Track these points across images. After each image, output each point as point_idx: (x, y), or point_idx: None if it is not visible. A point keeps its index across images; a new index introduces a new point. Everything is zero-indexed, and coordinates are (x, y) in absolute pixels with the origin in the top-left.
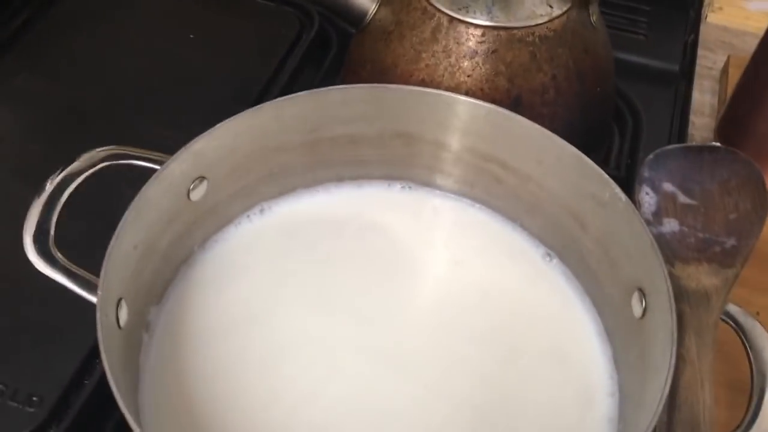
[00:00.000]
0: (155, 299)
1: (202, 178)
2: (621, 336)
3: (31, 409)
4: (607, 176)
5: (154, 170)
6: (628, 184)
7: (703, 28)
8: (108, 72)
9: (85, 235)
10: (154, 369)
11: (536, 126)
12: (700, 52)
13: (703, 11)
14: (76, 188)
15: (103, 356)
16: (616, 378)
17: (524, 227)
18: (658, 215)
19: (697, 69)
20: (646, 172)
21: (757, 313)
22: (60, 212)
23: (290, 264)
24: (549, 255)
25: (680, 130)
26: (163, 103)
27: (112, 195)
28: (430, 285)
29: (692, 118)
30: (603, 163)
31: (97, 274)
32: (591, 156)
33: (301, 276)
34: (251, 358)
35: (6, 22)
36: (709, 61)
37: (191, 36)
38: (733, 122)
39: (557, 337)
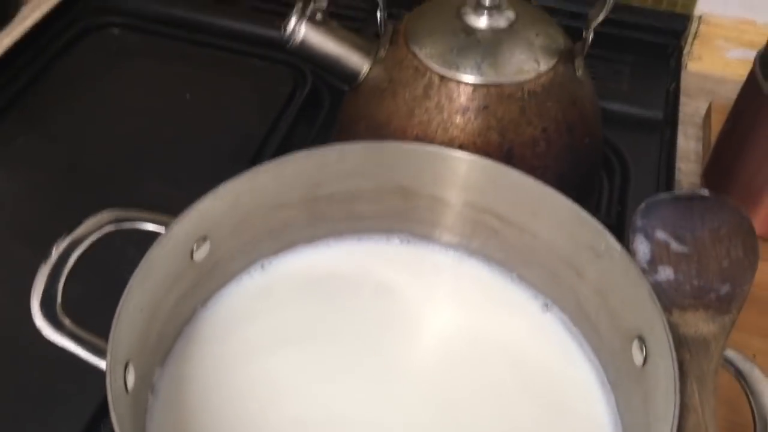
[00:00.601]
0: (159, 360)
1: (204, 238)
2: (623, 384)
3: None
4: (602, 227)
5: (155, 232)
6: (619, 231)
7: (684, 76)
8: (106, 133)
9: (88, 297)
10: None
11: (530, 178)
12: (682, 99)
13: (683, 60)
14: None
15: (115, 423)
16: (620, 426)
17: (522, 278)
18: (653, 263)
19: (681, 116)
20: (638, 221)
21: (754, 356)
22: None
23: (290, 320)
24: (547, 305)
25: (668, 177)
26: (162, 162)
27: (113, 256)
28: (430, 340)
29: (679, 164)
30: (594, 211)
31: (104, 338)
32: (582, 204)
33: (301, 332)
34: (252, 417)
35: (5, 85)
36: (691, 108)
37: (187, 96)
38: (718, 169)
39: (559, 387)
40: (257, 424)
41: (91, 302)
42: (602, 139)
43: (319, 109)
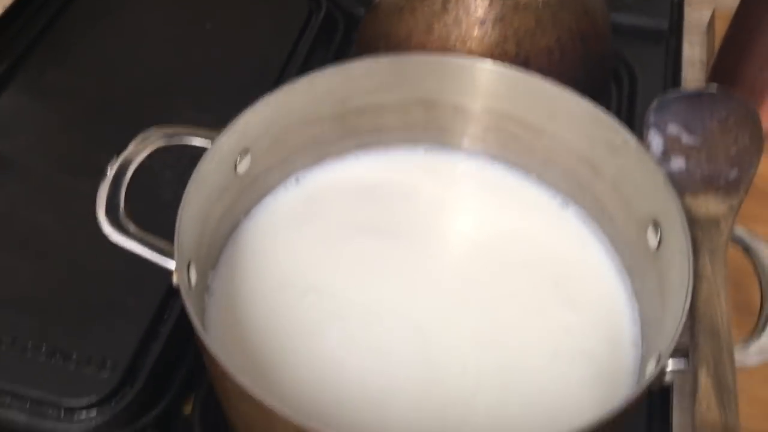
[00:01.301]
0: (212, 264)
1: (246, 151)
2: (638, 268)
3: (106, 374)
4: (617, 122)
5: (196, 148)
6: None
7: None
8: (132, 62)
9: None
10: (213, 328)
11: (547, 82)
12: (686, 8)
13: None
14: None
15: (191, 313)
16: (636, 307)
17: (541, 179)
18: (666, 155)
19: (685, 25)
20: (651, 117)
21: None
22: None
23: (324, 226)
24: (566, 202)
25: (674, 83)
26: (189, 89)
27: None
28: (455, 237)
29: (684, 72)
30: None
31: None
32: None
33: (335, 235)
34: (293, 310)
35: (30, 19)
36: (695, 18)
37: (207, 26)
38: (723, 71)
39: (578, 275)
40: (297, 315)
41: (141, 219)
42: (611, 47)
43: (333, 34)
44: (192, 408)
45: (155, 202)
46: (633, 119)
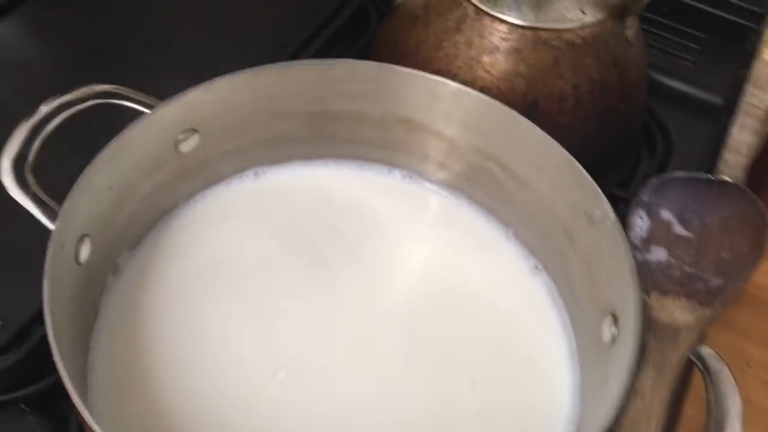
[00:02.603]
0: (130, 244)
1: (193, 131)
2: (590, 361)
3: None
4: (600, 192)
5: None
6: None
7: (756, 65)
8: (137, 20)
9: (75, 170)
10: (114, 312)
11: (539, 130)
12: (749, 88)
13: (759, 46)
14: (74, 122)
15: (45, 285)
16: (578, 405)
17: (517, 236)
18: (647, 242)
19: (742, 106)
20: (645, 196)
21: (748, 364)
22: (51, 144)
23: (275, 231)
24: (537, 268)
25: (711, 164)
26: (191, 52)
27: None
28: (411, 279)
29: (726, 154)
30: (622, 182)
31: None
32: (609, 174)
33: (284, 245)
34: (215, 317)
35: None
36: (756, 100)
37: None
38: (762, 170)
39: (531, 351)
40: (219, 323)
41: (74, 175)
42: (643, 110)
43: (362, 31)
44: None
45: (82, 165)
46: None
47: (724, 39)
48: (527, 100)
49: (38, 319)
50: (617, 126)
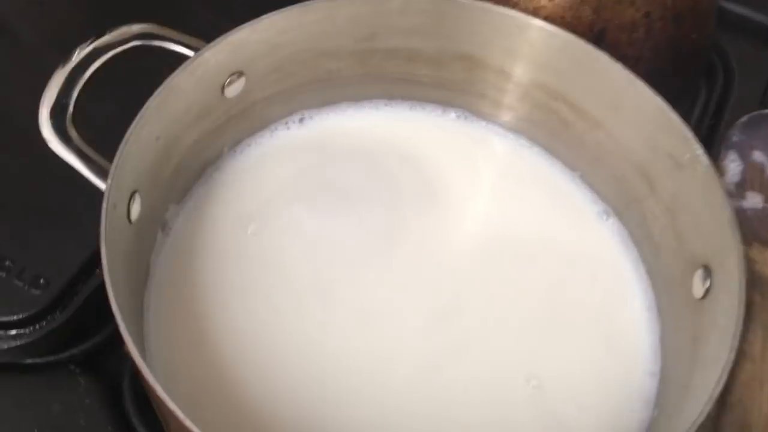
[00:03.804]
0: (176, 197)
1: (240, 74)
2: (674, 314)
3: (37, 291)
4: (691, 135)
5: (188, 58)
6: (707, 147)
7: None
8: None
9: (114, 119)
10: (165, 269)
11: (620, 66)
12: None
13: None
14: (111, 67)
15: (102, 249)
16: (659, 358)
17: (584, 179)
18: (741, 187)
19: None
20: (735, 136)
21: None
22: (87, 90)
23: (325, 181)
24: (606, 213)
25: None
26: None
27: (151, 79)
28: (471, 228)
29: None
30: (684, 118)
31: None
32: (673, 108)
33: (335, 196)
34: (267, 271)
35: None
36: None
37: None
38: None
39: (602, 302)
40: (272, 276)
41: (116, 125)
42: (712, 38)
43: None
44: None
45: (118, 112)
46: (716, 130)
47: None
48: (594, 30)
49: (81, 277)
50: (686, 57)
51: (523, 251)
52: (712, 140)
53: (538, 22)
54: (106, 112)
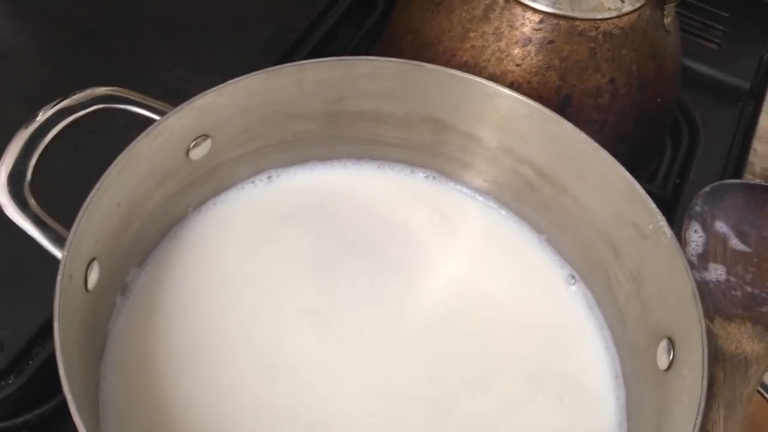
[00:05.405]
0: (137, 260)
1: (205, 137)
2: (639, 383)
3: None
4: (654, 206)
5: (154, 121)
6: (671, 206)
7: None
8: (131, 3)
9: (76, 177)
10: (123, 334)
11: (584, 135)
12: None
13: None
14: (76, 126)
15: (55, 325)
16: (625, 427)
17: (550, 242)
18: (704, 258)
19: None
20: (698, 206)
21: None
22: (50, 147)
23: (290, 239)
24: (573, 277)
25: (740, 155)
26: (187, 42)
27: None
28: (435, 291)
29: (756, 144)
30: (649, 178)
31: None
32: (638, 170)
33: (302, 253)
34: (231, 332)
35: None
36: None
37: None
38: None
39: (568, 370)
40: (234, 338)
41: (79, 187)
42: (676, 101)
43: (369, 13)
44: None
45: (104, 167)
46: (681, 190)
47: (750, 19)
48: (561, 95)
49: (38, 340)
50: (651, 121)
51: (489, 315)
52: (677, 200)
53: (504, 90)
54: (70, 170)
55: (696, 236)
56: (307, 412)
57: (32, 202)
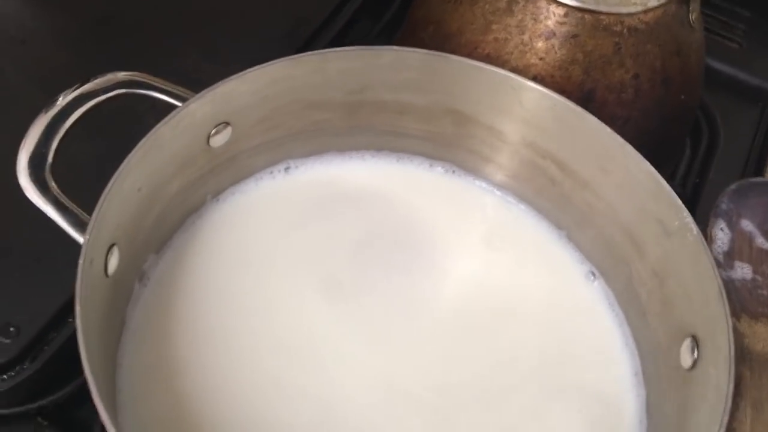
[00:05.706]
0: (155, 247)
1: (225, 124)
2: (660, 382)
3: (6, 340)
4: (680, 203)
5: (175, 106)
6: (691, 206)
7: None
8: None
9: (97, 162)
10: (141, 322)
11: (609, 130)
12: None
13: None
14: (95, 112)
15: (77, 308)
16: (645, 424)
17: (571, 239)
18: (730, 257)
19: None
20: (724, 204)
21: None
22: (70, 133)
23: (309, 230)
24: (593, 274)
25: (761, 155)
26: (206, 32)
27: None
28: (453, 286)
29: None
30: (668, 178)
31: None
32: (657, 169)
33: (319, 246)
34: (246, 321)
35: None
36: None
37: None
38: None
39: (586, 367)
40: (248, 327)
41: (99, 172)
42: (699, 99)
43: (387, 6)
44: None
45: (123, 153)
46: (701, 190)
47: None
48: (584, 89)
49: (53, 325)
50: (674, 118)
51: (507, 310)
52: (697, 199)
53: (530, 84)
54: (89, 155)
55: (722, 234)
56: (315, 392)
57: (53, 185)
